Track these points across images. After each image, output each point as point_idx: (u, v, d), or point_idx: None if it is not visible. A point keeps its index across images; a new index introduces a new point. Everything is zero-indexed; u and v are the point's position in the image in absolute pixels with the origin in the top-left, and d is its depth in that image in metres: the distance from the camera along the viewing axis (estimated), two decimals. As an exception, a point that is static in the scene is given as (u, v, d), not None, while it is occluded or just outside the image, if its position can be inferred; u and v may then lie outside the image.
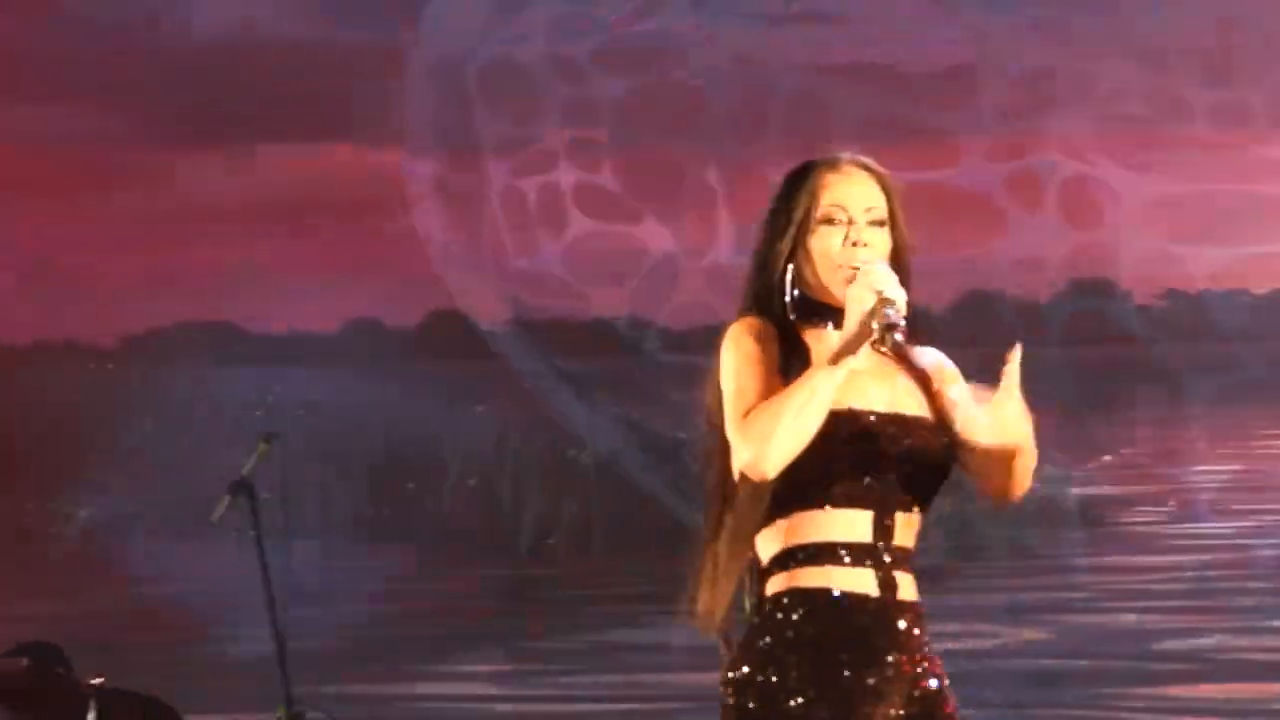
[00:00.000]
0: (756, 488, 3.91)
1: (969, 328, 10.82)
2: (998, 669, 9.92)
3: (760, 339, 3.94)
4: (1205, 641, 10.93)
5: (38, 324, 14.42)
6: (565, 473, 13.31)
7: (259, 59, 13.89)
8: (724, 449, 3.96)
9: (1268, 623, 11.08)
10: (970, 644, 10.08)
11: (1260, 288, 12.94)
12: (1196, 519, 13.10)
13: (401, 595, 12.21)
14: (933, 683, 3.91)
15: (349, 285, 13.53)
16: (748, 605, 4.00)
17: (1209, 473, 13.45)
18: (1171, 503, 13.68)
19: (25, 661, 8.29)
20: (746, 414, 3.86)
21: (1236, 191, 12.24)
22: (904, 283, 3.88)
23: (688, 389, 4.33)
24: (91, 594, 12.28)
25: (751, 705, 3.89)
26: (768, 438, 3.83)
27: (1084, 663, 10.54)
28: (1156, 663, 10.60)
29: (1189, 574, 12.16)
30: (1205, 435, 13.02)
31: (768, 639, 3.94)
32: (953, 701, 3.96)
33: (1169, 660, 10.70)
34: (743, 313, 4.00)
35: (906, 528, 3.91)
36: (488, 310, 12.59)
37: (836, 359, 3.84)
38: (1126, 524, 13.62)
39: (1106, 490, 13.88)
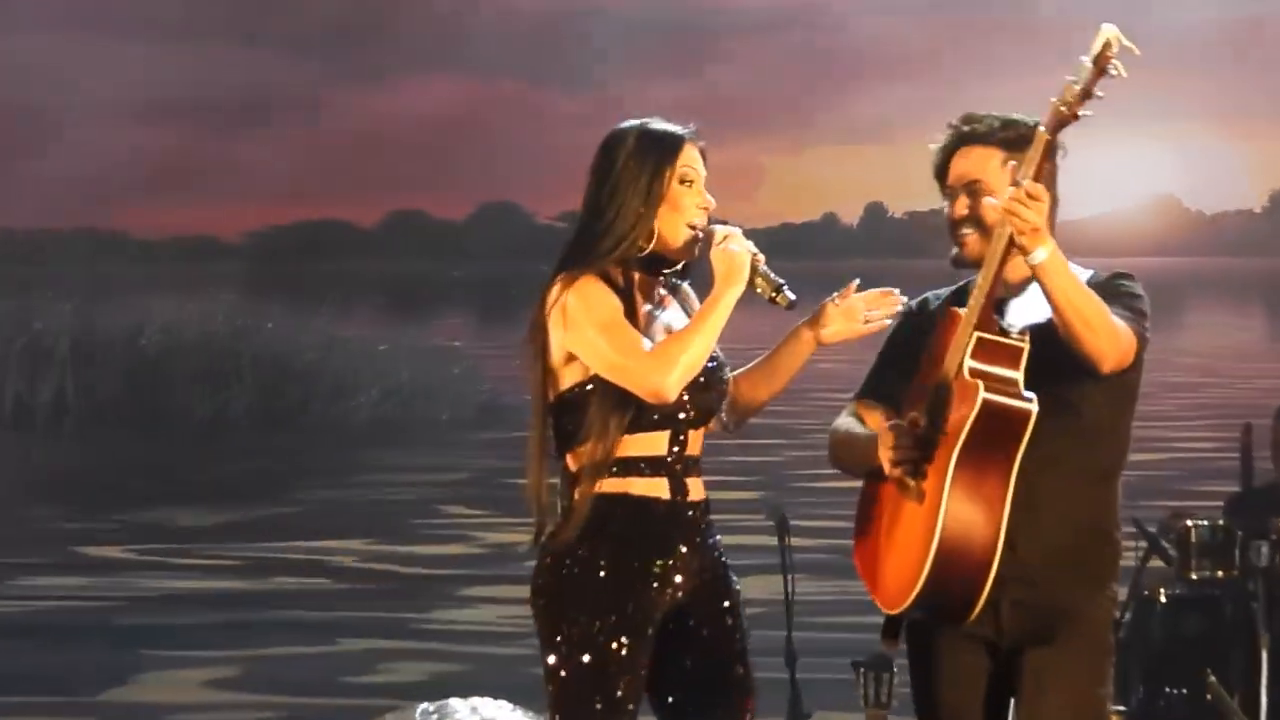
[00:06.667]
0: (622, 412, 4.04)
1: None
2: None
3: (608, 296, 4.06)
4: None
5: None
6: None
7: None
8: (540, 377, 4.11)
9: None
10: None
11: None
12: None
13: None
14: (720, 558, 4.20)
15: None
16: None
17: None
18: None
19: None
20: (632, 352, 4.02)
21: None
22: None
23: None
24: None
25: (575, 570, 4.08)
26: (684, 369, 4.03)
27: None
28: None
29: None
30: None
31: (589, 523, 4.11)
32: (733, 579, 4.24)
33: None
34: (577, 268, 4.06)
35: (696, 441, 4.17)
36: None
37: (723, 311, 4.05)
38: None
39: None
